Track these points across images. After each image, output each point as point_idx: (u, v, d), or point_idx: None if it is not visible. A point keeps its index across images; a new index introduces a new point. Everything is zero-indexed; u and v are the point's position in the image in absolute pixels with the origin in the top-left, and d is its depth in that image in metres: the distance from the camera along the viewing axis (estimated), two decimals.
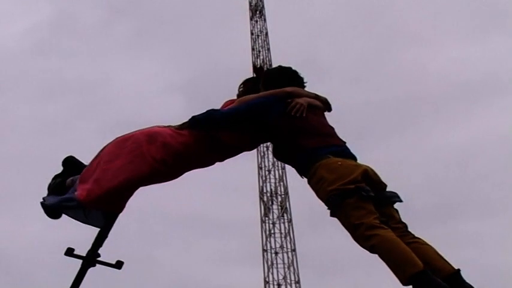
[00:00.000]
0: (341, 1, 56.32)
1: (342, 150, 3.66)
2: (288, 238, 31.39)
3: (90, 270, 3.96)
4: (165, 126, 3.92)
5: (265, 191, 32.56)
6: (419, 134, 52.31)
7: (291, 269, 30.72)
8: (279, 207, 32.17)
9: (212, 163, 3.98)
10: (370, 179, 3.49)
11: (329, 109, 4.01)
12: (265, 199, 32.34)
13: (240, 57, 36.83)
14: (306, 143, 3.63)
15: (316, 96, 3.95)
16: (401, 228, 3.42)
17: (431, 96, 53.28)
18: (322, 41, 55.85)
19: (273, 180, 32.71)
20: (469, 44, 59.36)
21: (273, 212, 32.13)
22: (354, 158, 3.67)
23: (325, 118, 3.94)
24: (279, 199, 32.34)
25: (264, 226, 31.77)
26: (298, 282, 30.53)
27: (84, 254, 3.90)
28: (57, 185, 3.96)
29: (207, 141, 3.81)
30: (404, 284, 3.10)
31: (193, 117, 3.81)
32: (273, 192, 32.48)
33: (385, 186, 3.57)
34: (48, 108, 54.22)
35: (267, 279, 30.59)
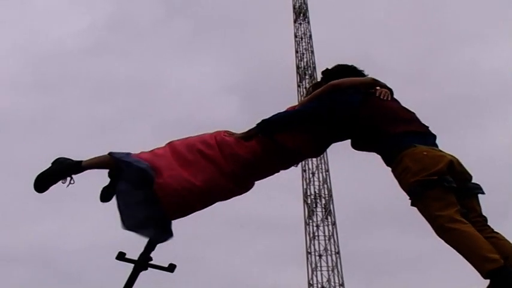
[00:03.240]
0: (393, 0, 56.01)
1: (427, 139, 3.61)
2: (332, 241, 31.32)
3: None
4: (227, 134, 3.86)
5: (309, 193, 32.55)
6: (472, 133, 51.55)
7: (335, 271, 30.65)
8: (323, 210, 32.12)
9: (277, 171, 3.93)
10: (455, 170, 3.43)
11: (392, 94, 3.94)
12: (309, 201, 32.33)
13: (287, 59, 36.82)
14: (391, 129, 3.58)
15: (375, 81, 3.90)
16: (481, 222, 3.40)
17: (484, 95, 52.48)
18: (373, 41, 55.63)
19: (316, 183, 32.69)
20: None
21: (316, 214, 32.11)
22: (436, 146, 3.62)
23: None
24: (323, 201, 32.30)
25: (307, 229, 31.78)
26: (342, 285, 30.43)
27: (135, 258, 3.86)
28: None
29: (273, 148, 3.74)
30: (484, 277, 3.11)
31: (265, 120, 3.74)
32: (317, 195, 32.44)
33: (470, 177, 3.54)
34: (104, 108, 55.10)
35: (311, 282, 30.58)
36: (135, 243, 3.96)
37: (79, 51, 60.46)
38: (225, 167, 3.72)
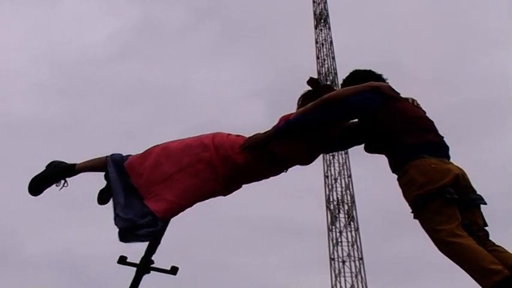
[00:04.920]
0: (418, 5, 55.79)
1: (439, 149, 3.55)
2: (355, 246, 31.22)
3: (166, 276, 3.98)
4: (230, 136, 3.86)
5: (331, 199, 32.48)
6: (498, 138, 51.01)
7: (359, 277, 30.52)
8: (346, 216, 32.02)
9: (267, 177, 3.95)
10: (459, 184, 3.39)
11: None
12: (331, 208, 32.27)
13: (309, 65, 36.76)
14: (404, 138, 3.53)
15: (371, 88, 3.80)
16: (482, 236, 3.35)
17: (511, 99, 51.93)
18: (396, 45, 55.55)
19: (339, 189, 32.62)
20: None
21: (339, 220, 32.03)
22: (448, 157, 3.57)
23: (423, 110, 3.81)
24: (346, 207, 32.21)
25: (331, 235, 31.70)
26: None
27: (137, 262, 3.90)
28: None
29: (263, 154, 3.76)
30: None
31: (281, 128, 3.75)
32: (340, 201, 32.36)
33: (473, 190, 3.49)
34: (131, 113, 55.36)
35: None
36: (160, 249, 3.99)
37: (106, 57, 61.01)
38: (219, 169, 3.75)
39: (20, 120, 51.94)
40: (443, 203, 3.29)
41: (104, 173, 3.92)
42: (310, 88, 4.00)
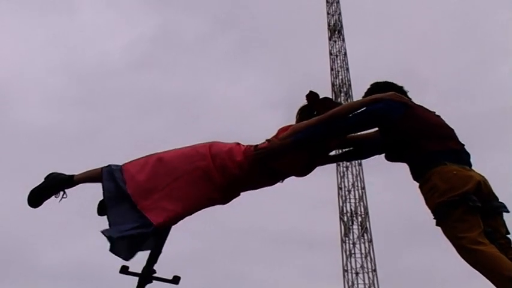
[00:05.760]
0: (433, 15, 55.76)
1: (460, 157, 3.56)
2: (369, 258, 31.09)
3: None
4: (231, 145, 3.89)
5: (345, 211, 32.40)
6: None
7: None
8: (359, 227, 31.92)
9: (262, 186, 3.97)
10: (481, 191, 3.40)
11: None
12: (345, 219, 32.18)
13: (324, 76, 36.70)
14: (425, 145, 3.55)
15: (375, 100, 3.82)
16: (504, 244, 3.37)
17: None
18: (410, 56, 55.44)
19: (353, 201, 32.54)
20: None
21: (353, 232, 31.93)
22: (470, 164, 3.57)
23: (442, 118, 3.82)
24: (359, 219, 32.11)
25: (344, 246, 31.60)
26: None
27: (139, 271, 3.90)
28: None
29: (259, 166, 3.78)
30: None
31: (298, 139, 3.73)
32: (353, 212, 32.27)
33: (496, 198, 3.50)
34: (148, 122, 55.33)
35: None
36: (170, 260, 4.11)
37: (124, 66, 61.19)
38: (216, 177, 3.76)
39: (37, 130, 52.23)
40: (465, 210, 3.30)
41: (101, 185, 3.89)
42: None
